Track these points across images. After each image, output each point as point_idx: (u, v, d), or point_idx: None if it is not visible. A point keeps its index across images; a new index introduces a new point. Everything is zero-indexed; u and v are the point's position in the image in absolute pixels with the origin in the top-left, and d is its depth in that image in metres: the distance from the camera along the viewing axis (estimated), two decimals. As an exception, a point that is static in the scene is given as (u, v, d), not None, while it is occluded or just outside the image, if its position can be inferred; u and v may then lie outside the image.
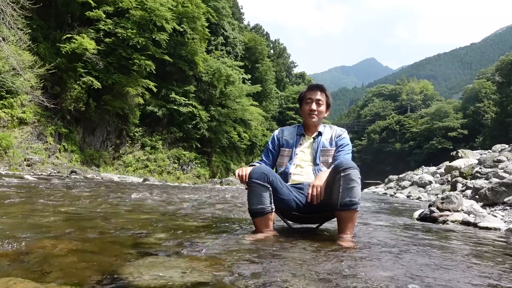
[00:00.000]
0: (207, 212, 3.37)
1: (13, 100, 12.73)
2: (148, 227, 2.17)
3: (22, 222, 2.02)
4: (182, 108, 20.97)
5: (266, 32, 51.75)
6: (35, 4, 12.06)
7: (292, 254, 1.53)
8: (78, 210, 2.84)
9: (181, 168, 20.55)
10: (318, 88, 2.35)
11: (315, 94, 2.33)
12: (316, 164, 2.25)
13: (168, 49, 19.01)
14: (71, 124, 15.78)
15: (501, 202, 3.86)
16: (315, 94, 2.33)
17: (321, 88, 2.36)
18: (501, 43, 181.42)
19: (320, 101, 2.32)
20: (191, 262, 1.30)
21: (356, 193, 1.91)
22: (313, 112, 2.30)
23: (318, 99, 2.32)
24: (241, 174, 2.03)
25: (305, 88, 2.44)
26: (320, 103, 2.32)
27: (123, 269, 1.17)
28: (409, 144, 58.99)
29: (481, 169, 6.56)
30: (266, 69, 37.41)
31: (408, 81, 78.90)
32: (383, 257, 1.55)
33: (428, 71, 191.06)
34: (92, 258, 1.31)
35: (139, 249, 1.51)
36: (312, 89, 2.37)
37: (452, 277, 1.25)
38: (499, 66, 46.17)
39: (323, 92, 2.34)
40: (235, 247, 1.63)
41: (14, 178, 6.74)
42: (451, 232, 2.64)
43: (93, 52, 14.51)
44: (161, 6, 16.83)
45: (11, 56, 11.06)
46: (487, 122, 48.86)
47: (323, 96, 2.33)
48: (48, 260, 1.25)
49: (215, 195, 6.40)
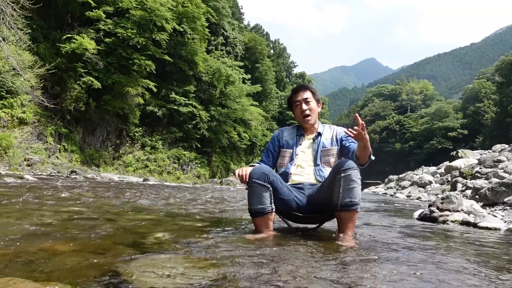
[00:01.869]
0: (207, 212, 3.37)
1: (13, 100, 12.72)
2: (148, 227, 2.17)
3: (22, 222, 2.02)
4: (182, 108, 20.97)
5: (266, 32, 51.70)
6: (35, 4, 12.06)
7: (292, 254, 1.53)
8: (78, 210, 2.84)
9: (181, 168, 20.55)
10: (301, 88, 2.36)
11: (301, 94, 2.33)
12: (317, 165, 2.25)
13: (168, 49, 19.01)
14: (71, 124, 15.78)
15: (501, 202, 3.86)
16: (300, 95, 2.33)
17: (304, 87, 2.36)
18: (501, 43, 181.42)
19: (308, 99, 2.31)
20: (191, 262, 1.30)
21: (356, 193, 1.92)
22: (305, 112, 2.30)
23: (305, 98, 2.31)
24: (241, 174, 2.03)
25: (290, 92, 2.44)
26: (308, 100, 2.31)
27: (123, 269, 1.17)
28: (409, 144, 58.97)
29: (481, 169, 6.56)
30: (266, 69, 37.39)
31: (408, 81, 78.92)
32: (384, 257, 1.55)
33: (428, 71, 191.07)
34: (92, 258, 1.31)
35: (139, 249, 1.51)
36: (296, 91, 2.37)
37: (452, 277, 1.25)
38: (499, 66, 46.17)
39: (307, 90, 2.34)
40: (235, 247, 1.63)
41: (14, 178, 6.74)
42: (451, 232, 2.64)
43: (93, 52, 14.51)
44: (161, 6, 16.82)
45: (11, 56, 11.06)
46: (487, 122, 48.86)
47: (308, 93, 2.33)
48: (48, 260, 1.25)
49: (215, 195, 6.40)
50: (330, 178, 1.99)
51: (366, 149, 2.00)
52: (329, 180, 2.01)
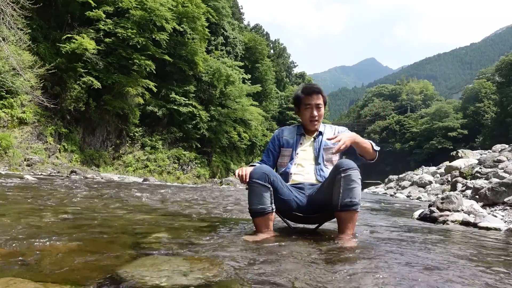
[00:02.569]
0: (207, 212, 3.37)
1: (13, 100, 12.72)
2: (148, 227, 2.17)
3: (22, 222, 2.02)
4: (182, 108, 20.97)
5: (266, 32, 51.72)
6: (35, 4, 12.05)
7: (292, 254, 1.53)
8: (78, 210, 2.84)
9: (181, 168, 20.55)
10: (315, 92, 2.26)
11: (314, 99, 2.25)
12: (318, 163, 2.24)
13: (168, 49, 19.00)
14: (71, 124, 15.78)
15: (501, 202, 3.86)
16: (314, 99, 2.25)
17: (318, 91, 2.28)
18: (501, 43, 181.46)
19: (319, 105, 2.26)
20: (191, 262, 1.30)
21: (357, 193, 1.91)
22: (314, 118, 2.26)
23: (318, 103, 2.25)
24: (241, 174, 2.02)
25: (300, 89, 2.33)
26: (320, 106, 2.27)
27: (123, 269, 1.17)
28: (409, 144, 58.97)
29: (481, 169, 6.56)
30: (266, 69, 37.39)
31: (408, 81, 78.90)
32: (384, 257, 1.55)
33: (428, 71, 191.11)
34: (92, 258, 1.31)
35: (139, 249, 1.51)
36: (309, 94, 2.26)
37: (452, 277, 1.25)
38: (499, 66, 46.18)
39: (320, 95, 2.28)
40: (235, 247, 1.63)
41: (14, 178, 6.74)
42: (451, 232, 2.64)
43: (93, 52, 14.50)
44: (161, 6, 16.82)
45: (11, 56, 11.06)
46: (487, 122, 48.85)
47: (321, 99, 2.27)
48: (48, 260, 1.25)
49: (215, 195, 6.40)
50: (330, 178, 1.99)
51: (361, 146, 2.01)
52: (329, 180, 2.01)
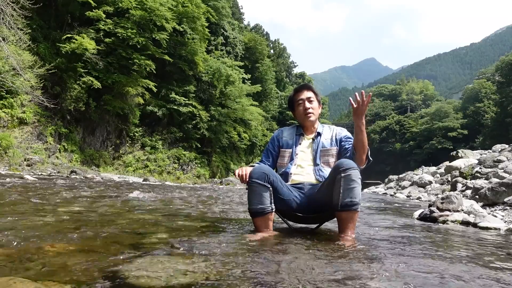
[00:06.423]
0: (207, 212, 3.37)
1: (13, 100, 12.73)
2: (148, 227, 2.17)
3: (22, 222, 2.02)
4: (182, 108, 20.97)
5: (266, 32, 51.68)
6: (35, 4, 12.05)
7: (292, 254, 1.53)
8: (77, 210, 2.84)
9: (181, 168, 20.55)
10: (304, 88, 2.37)
11: (304, 93, 2.34)
12: (316, 164, 2.24)
13: (168, 49, 19.00)
14: (71, 124, 15.78)
15: (501, 202, 3.86)
16: (304, 94, 2.34)
17: (308, 87, 2.38)
18: (501, 43, 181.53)
19: (311, 98, 2.33)
20: (191, 262, 1.30)
21: (357, 193, 1.91)
22: (308, 110, 2.30)
23: (309, 97, 2.32)
24: (241, 174, 2.03)
25: (292, 92, 2.45)
26: (312, 99, 2.33)
27: (123, 268, 1.17)
28: (409, 144, 58.99)
29: (481, 169, 6.56)
30: (266, 69, 37.37)
31: (408, 81, 78.94)
32: (384, 257, 1.55)
33: (428, 71, 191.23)
34: (92, 258, 1.31)
35: (139, 248, 1.51)
36: (299, 90, 2.38)
37: (452, 277, 1.25)
38: (499, 66, 46.17)
39: (310, 90, 2.35)
40: (235, 247, 1.63)
41: (14, 178, 6.74)
42: (451, 232, 2.64)
43: (93, 52, 14.51)
44: (161, 6, 16.82)
45: (11, 56, 11.06)
46: (487, 122, 48.85)
47: (311, 93, 2.34)
48: (48, 259, 1.25)
49: (215, 195, 6.40)
50: (330, 178, 1.99)
51: (363, 143, 2.01)
52: (329, 180, 2.01)
